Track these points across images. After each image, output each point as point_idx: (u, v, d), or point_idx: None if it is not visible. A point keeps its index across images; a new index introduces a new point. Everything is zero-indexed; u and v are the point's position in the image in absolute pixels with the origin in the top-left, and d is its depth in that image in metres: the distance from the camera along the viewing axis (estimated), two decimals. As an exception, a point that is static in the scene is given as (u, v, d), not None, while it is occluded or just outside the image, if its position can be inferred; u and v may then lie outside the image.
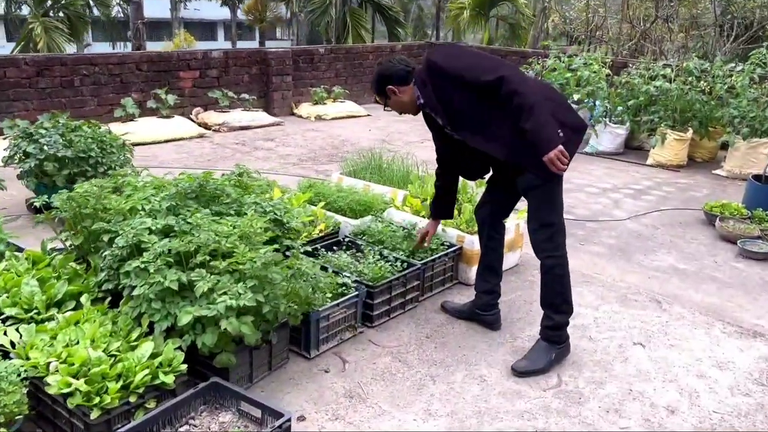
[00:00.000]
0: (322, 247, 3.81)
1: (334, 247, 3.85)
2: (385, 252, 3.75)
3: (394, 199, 4.49)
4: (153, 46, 26.13)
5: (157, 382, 2.45)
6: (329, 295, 3.20)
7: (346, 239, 3.96)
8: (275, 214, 3.43)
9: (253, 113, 8.57)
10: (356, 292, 3.30)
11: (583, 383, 3.04)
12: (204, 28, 39.19)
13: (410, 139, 8.19)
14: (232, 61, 8.72)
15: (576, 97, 7.61)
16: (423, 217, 4.24)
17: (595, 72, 7.57)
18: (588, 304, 3.84)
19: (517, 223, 4.22)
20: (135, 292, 2.66)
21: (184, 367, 2.55)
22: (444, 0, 21.42)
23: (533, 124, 2.74)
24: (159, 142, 7.31)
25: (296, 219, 3.61)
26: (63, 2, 16.77)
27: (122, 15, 22.87)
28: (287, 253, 3.09)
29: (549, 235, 3.10)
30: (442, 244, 3.96)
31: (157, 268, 2.65)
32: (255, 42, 35.00)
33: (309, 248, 3.75)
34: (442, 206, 3.60)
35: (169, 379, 2.47)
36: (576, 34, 15.30)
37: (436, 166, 3.50)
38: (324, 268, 3.52)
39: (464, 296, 3.86)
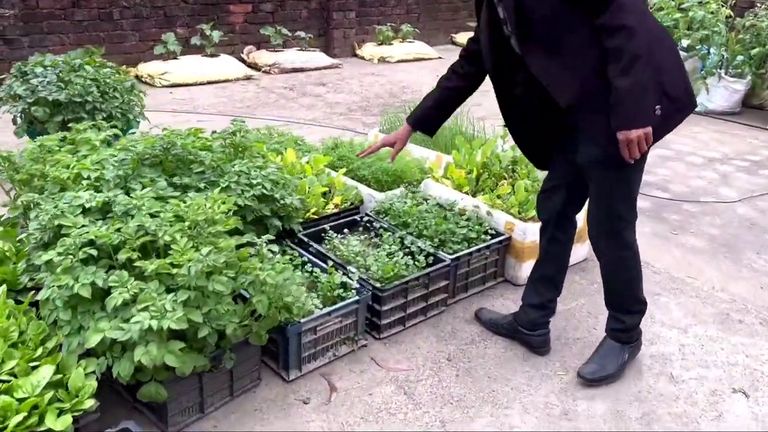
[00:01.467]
0: (332, 228, 3.04)
1: (345, 230, 3.07)
2: (409, 239, 2.93)
3: (433, 168, 3.62)
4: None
5: (42, 429, 1.80)
6: (316, 301, 2.44)
7: (365, 219, 3.17)
8: (263, 188, 2.69)
9: (308, 54, 7.77)
10: (356, 297, 2.53)
11: (653, 454, 2.17)
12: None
13: (482, 87, 7.15)
14: (289, -6, 7.90)
15: (685, 43, 6.30)
16: (467, 193, 3.37)
17: (712, 13, 6.21)
18: (673, 324, 2.89)
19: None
20: (40, 296, 2.01)
21: (91, 404, 1.89)
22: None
23: (629, 83, 1.92)
24: (200, 84, 6.68)
25: (295, 194, 2.86)
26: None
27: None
28: (275, 245, 2.32)
29: (615, 230, 2.31)
30: (485, 232, 3.09)
31: (69, 265, 1.97)
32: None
33: (314, 228, 3.03)
34: (432, 113, 2.64)
35: (62, 425, 1.80)
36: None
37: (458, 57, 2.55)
38: (324, 258, 2.76)
39: (509, 300, 3.01)
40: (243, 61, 7.55)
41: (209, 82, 6.73)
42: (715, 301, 3.09)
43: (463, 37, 9.63)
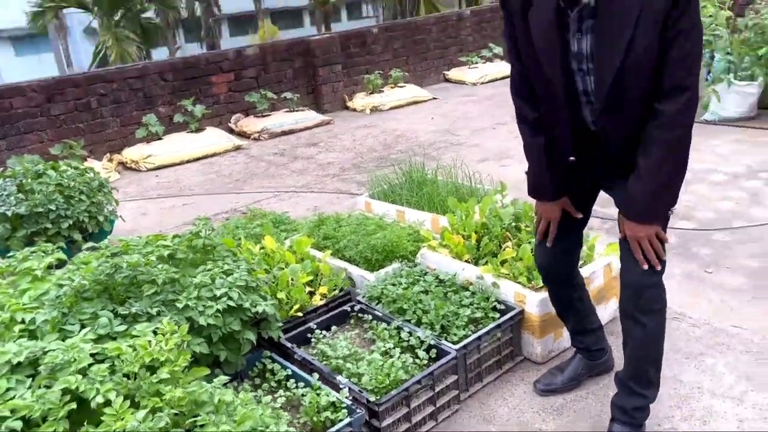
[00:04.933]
0: (320, 325, 2.68)
1: (333, 327, 2.70)
2: (406, 330, 2.56)
3: (427, 236, 3.25)
4: (236, 42, 25.81)
5: None
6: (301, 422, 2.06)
7: (357, 307, 2.81)
8: (230, 298, 2.34)
9: (297, 114, 7.53)
10: (348, 419, 2.14)
11: None
12: (290, 17, 38.59)
13: (480, 125, 6.84)
14: (270, 57, 7.69)
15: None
16: (467, 261, 3.00)
17: (710, 16, 5.84)
18: (726, 393, 2.46)
19: (608, 262, 2.87)
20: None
21: None
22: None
23: (667, 168, 1.83)
24: (188, 162, 6.44)
25: (267, 298, 2.51)
26: (134, 11, 16.55)
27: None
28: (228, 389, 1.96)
29: (659, 282, 2.02)
30: (494, 308, 2.70)
31: (-14, 448, 1.63)
32: (342, 24, 34.03)
33: (299, 329, 2.67)
34: (555, 174, 2.14)
35: None
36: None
37: (521, 109, 2.12)
38: (310, 369, 2.40)
39: (530, 385, 2.60)
40: (231, 130, 7.33)
41: (196, 159, 6.49)
42: (770, 356, 2.65)
43: (456, 73, 9.37)
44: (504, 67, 9.46)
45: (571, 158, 2.04)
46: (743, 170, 4.76)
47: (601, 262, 2.87)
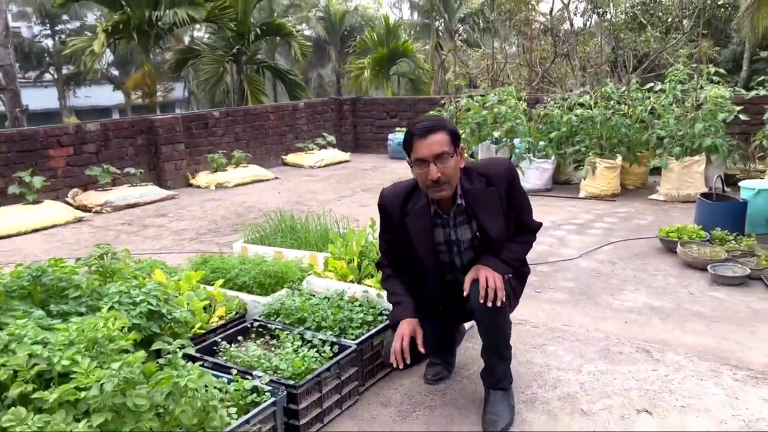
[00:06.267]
0: (223, 339, 2.87)
1: (239, 337, 2.92)
2: (309, 335, 2.86)
3: (313, 264, 3.62)
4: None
5: None
6: (232, 410, 2.26)
7: (256, 324, 3.05)
8: (149, 304, 2.50)
9: (141, 188, 7.52)
10: (272, 399, 2.38)
11: (597, 484, 2.23)
12: (98, 115, 37.27)
13: (325, 198, 7.40)
14: (112, 133, 7.69)
15: (496, 134, 7.12)
16: (352, 281, 3.40)
17: (511, 107, 7.12)
18: (567, 366, 3.07)
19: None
20: None
21: None
22: (342, 64, 21.27)
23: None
24: (26, 233, 6.12)
25: (181, 308, 2.69)
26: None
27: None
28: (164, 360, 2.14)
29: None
30: (380, 314, 3.11)
31: (-56, 415, 1.65)
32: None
33: (205, 343, 2.85)
34: (410, 298, 2.70)
35: None
36: (477, 82, 15.25)
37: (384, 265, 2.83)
38: (226, 369, 2.59)
39: (416, 377, 3.01)
40: (69, 204, 7.08)
41: (35, 230, 6.20)
42: (593, 341, 3.35)
43: (293, 158, 9.96)
44: (337, 154, 10.29)
45: (440, 308, 2.75)
46: (549, 224, 5.79)
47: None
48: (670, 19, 12.90)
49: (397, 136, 10.21)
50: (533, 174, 7.15)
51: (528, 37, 13.44)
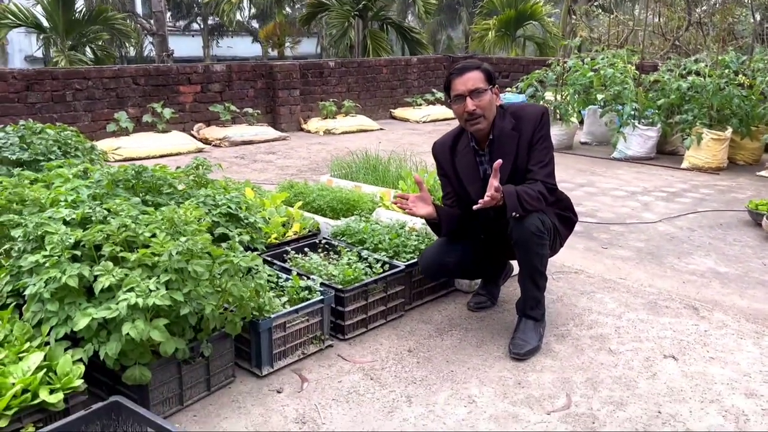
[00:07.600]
0: (293, 250, 3.28)
1: (307, 250, 3.31)
2: (365, 253, 3.19)
3: (383, 198, 3.94)
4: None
5: (36, 401, 1.92)
6: (285, 299, 2.65)
7: (323, 241, 3.43)
8: (229, 207, 2.93)
9: (257, 128, 8.17)
10: (321, 297, 2.74)
11: (598, 404, 2.40)
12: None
13: (422, 150, 7.65)
14: (236, 75, 8.37)
15: (600, 97, 7.00)
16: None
17: (620, 71, 6.95)
18: (609, 312, 3.20)
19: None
20: (27, 291, 2.16)
21: (80, 383, 2.03)
22: (471, 26, 21.06)
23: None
24: (153, 157, 6.93)
25: (258, 216, 3.10)
26: (89, 37, 16.89)
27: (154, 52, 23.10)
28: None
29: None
30: (434, 245, 3.37)
31: (56, 262, 2.15)
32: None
33: (277, 250, 3.26)
34: (446, 211, 2.95)
35: (55, 398, 1.94)
36: (603, 48, 14.65)
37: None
38: (289, 273, 2.98)
39: (461, 305, 3.27)
40: (193, 137, 7.86)
41: (161, 156, 6.99)
42: (644, 294, 3.42)
43: (401, 112, 10.26)
44: (445, 110, 10.47)
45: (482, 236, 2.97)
46: (639, 190, 5.72)
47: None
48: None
49: (506, 96, 10.19)
50: (636, 141, 6.98)
51: (664, 2, 12.72)
